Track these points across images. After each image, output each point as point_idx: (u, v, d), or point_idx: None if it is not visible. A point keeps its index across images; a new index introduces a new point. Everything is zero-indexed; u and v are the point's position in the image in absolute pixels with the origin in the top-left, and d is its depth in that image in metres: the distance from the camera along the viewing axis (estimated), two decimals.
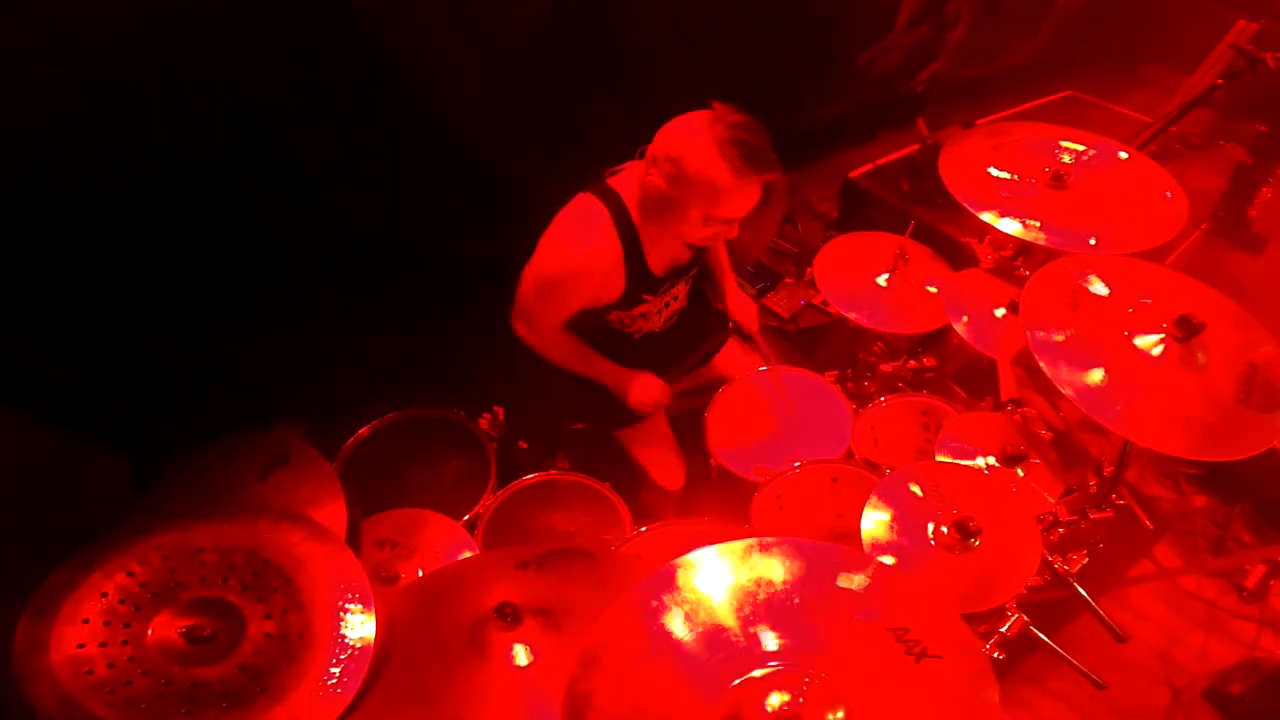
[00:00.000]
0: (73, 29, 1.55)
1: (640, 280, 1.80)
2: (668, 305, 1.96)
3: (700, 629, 1.07)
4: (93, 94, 1.64)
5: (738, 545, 1.14)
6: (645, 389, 1.95)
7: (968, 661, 1.05)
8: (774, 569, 1.12)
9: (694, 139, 1.54)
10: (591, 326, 1.90)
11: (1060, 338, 1.54)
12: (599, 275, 1.73)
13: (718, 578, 1.11)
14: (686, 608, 1.08)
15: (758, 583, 1.11)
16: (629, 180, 1.72)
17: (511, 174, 1.82)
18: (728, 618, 1.08)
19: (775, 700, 1.00)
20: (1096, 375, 1.49)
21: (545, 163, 1.81)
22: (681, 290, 1.98)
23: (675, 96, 1.58)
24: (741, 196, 1.59)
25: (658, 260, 1.81)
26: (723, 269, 2.21)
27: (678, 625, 1.07)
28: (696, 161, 1.54)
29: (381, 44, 2.01)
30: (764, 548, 1.14)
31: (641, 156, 1.66)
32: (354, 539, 1.71)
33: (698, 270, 2.02)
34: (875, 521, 1.55)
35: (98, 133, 1.69)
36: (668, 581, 1.11)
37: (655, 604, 1.09)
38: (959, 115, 3.01)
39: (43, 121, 1.62)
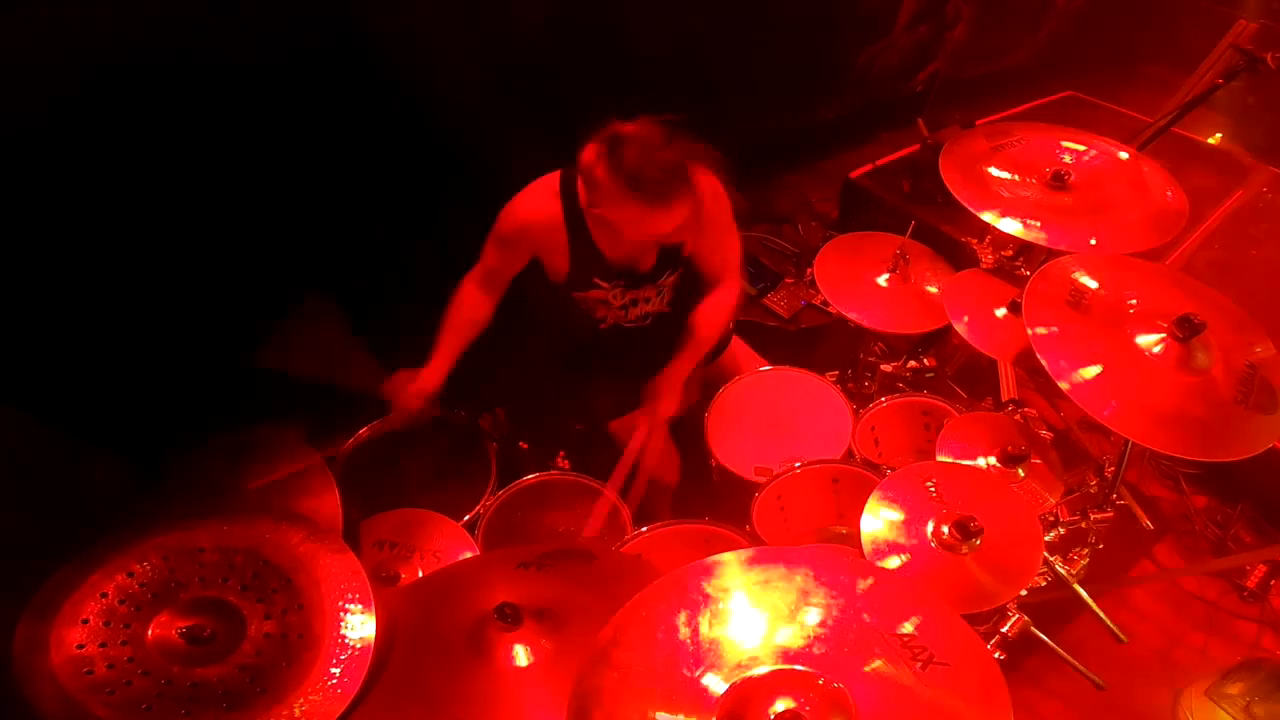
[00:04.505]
0: (74, 30, 1.55)
1: (589, 259, 1.80)
2: (635, 304, 1.94)
3: (709, 631, 1.07)
4: (92, 93, 1.64)
5: (748, 554, 1.15)
6: (402, 379, 1.93)
7: (975, 668, 1.05)
8: (784, 576, 1.13)
9: (598, 169, 1.55)
10: (560, 303, 1.90)
11: (1054, 330, 1.55)
12: (536, 230, 1.78)
13: (729, 583, 1.12)
14: (697, 611, 1.08)
15: (767, 587, 1.11)
16: None
17: (513, 174, 1.83)
18: (735, 623, 1.08)
19: (780, 706, 1.00)
20: (1093, 372, 1.49)
21: (547, 163, 1.82)
22: (652, 294, 1.95)
23: (677, 97, 1.58)
24: (658, 219, 1.59)
25: (612, 247, 1.80)
26: (714, 283, 2.00)
27: (686, 627, 1.07)
28: (604, 186, 1.56)
29: (383, 44, 2.01)
30: (774, 556, 1.15)
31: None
32: (352, 539, 1.71)
33: (679, 278, 1.97)
34: (876, 521, 1.55)
35: (96, 131, 1.69)
36: (679, 584, 1.11)
37: (665, 605, 1.09)
38: (959, 115, 3.00)
39: (41, 121, 1.62)
